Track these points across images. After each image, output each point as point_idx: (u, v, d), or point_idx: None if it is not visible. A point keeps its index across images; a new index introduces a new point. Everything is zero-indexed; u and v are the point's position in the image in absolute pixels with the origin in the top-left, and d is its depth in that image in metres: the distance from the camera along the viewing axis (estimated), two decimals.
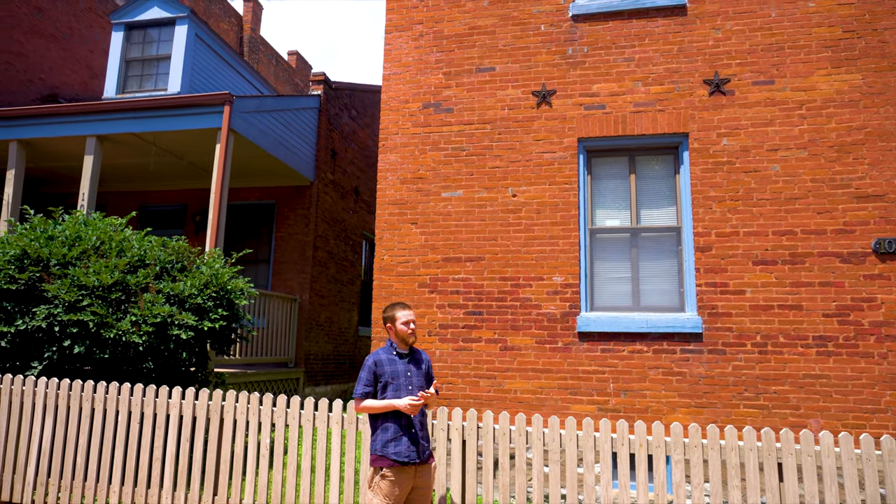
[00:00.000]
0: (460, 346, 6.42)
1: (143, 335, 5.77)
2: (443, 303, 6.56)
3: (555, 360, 6.18)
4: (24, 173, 9.34)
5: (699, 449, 4.06)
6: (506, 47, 6.96)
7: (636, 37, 6.66)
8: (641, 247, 6.41)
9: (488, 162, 6.74)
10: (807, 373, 5.66)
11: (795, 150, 6.07)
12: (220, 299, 6.47)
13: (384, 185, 6.99)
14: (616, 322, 6.08)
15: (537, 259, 6.41)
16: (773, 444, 3.98)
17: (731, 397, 5.77)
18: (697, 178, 6.24)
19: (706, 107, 6.35)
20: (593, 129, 6.55)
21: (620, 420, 4.23)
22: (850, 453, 3.86)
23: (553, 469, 4.26)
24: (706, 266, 6.06)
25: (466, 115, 6.91)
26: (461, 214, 6.70)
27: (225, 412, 4.89)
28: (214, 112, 8.43)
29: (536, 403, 6.14)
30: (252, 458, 4.75)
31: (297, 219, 10.80)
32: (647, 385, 5.95)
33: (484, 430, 4.42)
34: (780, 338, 5.78)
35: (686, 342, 5.95)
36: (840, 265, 5.78)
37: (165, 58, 10.51)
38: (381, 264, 6.82)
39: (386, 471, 3.76)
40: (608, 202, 6.61)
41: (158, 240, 6.71)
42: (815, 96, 6.13)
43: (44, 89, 12.32)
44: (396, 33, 7.35)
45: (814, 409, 5.60)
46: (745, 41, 6.39)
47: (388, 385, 3.88)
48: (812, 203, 5.95)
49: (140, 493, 4.90)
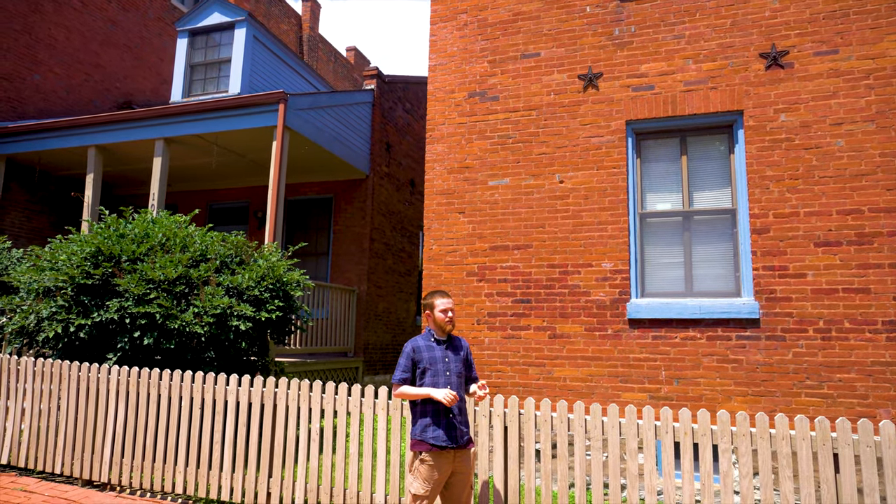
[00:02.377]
0: (509, 334, 6.42)
1: (205, 325, 6.09)
2: (491, 291, 6.57)
3: (604, 347, 6.08)
4: (101, 177, 9.99)
5: (747, 438, 3.92)
6: (550, 32, 6.86)
7: (686, 12, 6.41)
8: (694, 230, 6.20)
9: (534, 149, 6.68)
10: (875, 360, 5.34)
11: (862, 123, 5.70)
12: (276, 291, 6.73)
13: (431, 175, 7.06)
14: (667, 308, 5.92)
15: (585, 245, 6.32)
16: (827, 434, 3.79)
17: (792, 385, 5.51)
18: (753, 157, 5.97)
19: (762, 82, 6.06)
20: (642, 111, 6.37)
21: (664, 407, 4.14)
22: None
23: (595, 456, 4.22)
24: (763, 249, 5.79)
25: (512, 102, 6.86)
26: (508, 202, 6.68)
27: (278, 398, 5.10)
28: (270, 111, 8.73)
29: (586, 391, 6.07)
30: (303, 442, 4.94)
31: (354, 212, 11.04)
32: (700, 373, 5.77)
33: (525, 417, 4.42)
34: (845, 323, 5.46)
35: (742, 328, 5.73)
36: None
37: (226, 61, 10.94)
38: (430, 254, 6.90)
39: (424, 455, 3.84)
40: (658, 185, 6.42)
41: (219, 235, 7.04)
42: (884, 64, 5.73)
43: (119, 97, 13.10)
44: (441, 24, 7.38)
45: (884, 399, 5.28)
46: (806, 9, 6.03)
47: (427, 371, 3.95)
48: (881, 179, 5.58)
49: (202, 475, 5.20)
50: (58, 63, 11.77)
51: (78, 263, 6.35)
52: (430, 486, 3.79)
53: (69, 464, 5.69)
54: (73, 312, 6.19)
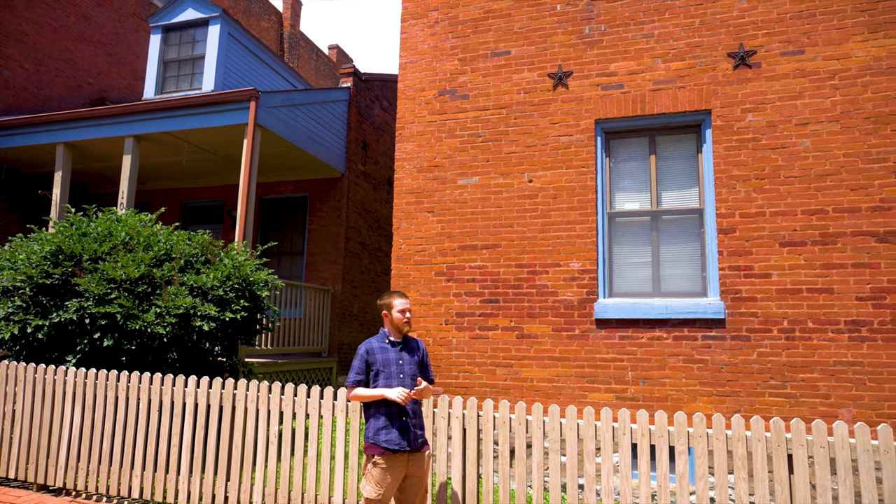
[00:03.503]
0: (477, 335, 6.37)
1: (167, 326, 5.98)
2: (459, 291, 6.52)
3: (572, 347, 6.05)
4: (70, 174, 9.82)
5: (703, 439, 3.90)
6: (521, 30, 6.81)
7: (656, 11, 6.39)
8: (662, 230, 6.19)
9: (504, 147, 6.63)
10: (838, 360, 5.34)
11: (827, 124, 5.71)
12: (242, 291, 6.63)
13: (401, 174, 6.99)
14: (634, 308, 5.90)
15: (554, 245, 6.28)
16: (782, 435, 3.77)
17: (756, 385, 5.51)
18: (720, 156, 5.96)
19: (730, 81, 6.05)
20: (611, 110, 6.34)
21: (622, 409, 4.10)
22: (867, 444, 3.62)
23: (553, 458, 4.18)
24: (729, 249, 5.79)
25: (482, 100, 6.81)
26: (477, 202, 6.63)
27: (237, 400, 5.02)
28: (241, 108, 8.62)
29: (553, 392, 6.03)
30: (262, 445, 4.86)
31: (329, 211, 10.95)
32: (666, 373, 5.76)
33: (484, 419, 4.37)
34: (808, 323, 5.47)
35: (708, 328, 5.72)
36: (875, 245, 5.41)
37: (200, 58, 10.80)
38: (399, 253, 6.83)
39: (377, 458, 3.78)
40: (627, 185, 6.40)
41: (184, 234, 6.93)
42: (849, 65, 5.74)
43: (92, 94, 12.90)
44: (412, 21, 7.31)
45: (845, 398, 5.28)
46: (773, 9, 6.03)
47: (380, 373, 3.89)
48: (845, 179, 5.59)
49: (160, 478, 5.10)
50: (28, 59, 11.56)
51: (37, 262, 6.22)
52: (382, 489, 3.73)
53: (24, 468, 5.56)
54: (30, 313, 6.06)
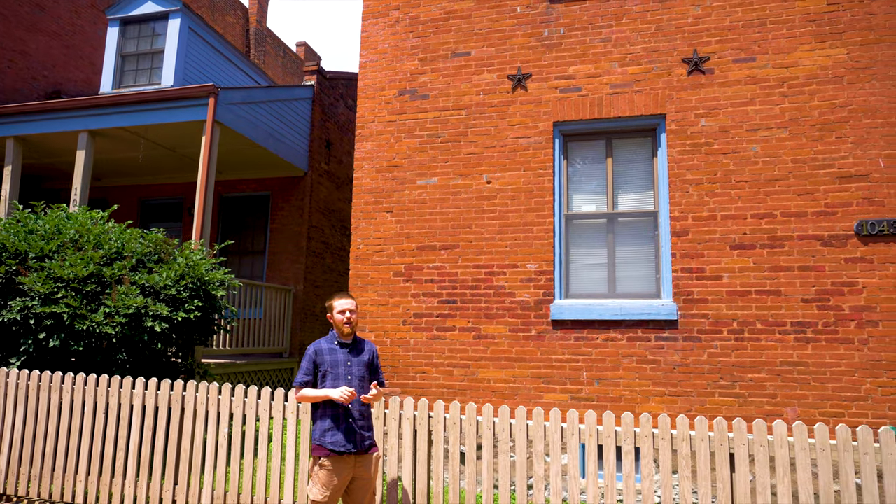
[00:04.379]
0: (434, 335, 6.36)
1: (116, 326, 5.83)
2: (417, 291, 6.50)
3: (528, 348, 6.08)
4: (20, 169, 9.51)
5: (650, 439, 3.95)
6: (482, 31, 6.82)
7: (614, 16, 6.47)
8: (618, 232, 6.26)
9: (463, 148, 6.64)
10: (784, 360, 5.48)
11: (776, 130, 5.85)
12: (196, 290, 6.50)
13: (360, 173, 6.94)
14: (590, 309, 5.96)
15: (511, 246, 6.30)
16: (725, 434, 3.85)
17: (706, 385, 5.62)
18: (675, 160, 6.06)
19: (684, 87, 6.15)
20: (569, 113, 6.40)
21: (571, 410, 4.14)
22: (804, 443, 3.72)
23: (503, 459, 4.19)
24: (682, 251, 5.89)
25: (442, 101, 6.81)
26: (436, 202, 6.62)
27: (186, 402, 4.92)
28: (199, 104, 8.45)
29: (510, 392, 6.06)
30: (211, 447, 4.77)
31: (292, 210, 10.82)
32: (620, 374, 5.83)
33: (435, 420, 4.36)
34: (757, 324, 5.60)
35: (661, 329, 5.81)
36: (820, 248, 5.56)
37: (159, 52, 10.56)
38: (357, 253, 6.78)
39: (323, 460, 3.74)
40: (584, 187, 6.46)
41: (137, 232, 6.77)
42: (797, 73, 5.89)
43: (47, 87, 12.52)
44: (373, 20, 7.27)
45: (791, 398, 5.42)
46: (726, 17, 6.16)
47: (328, 374, 3.85)
48: (793, 184, 5.73)
49: (105, 483, 4.97)
50: None
51: None
52: (328, 491, 3.70)
53: None
54: None
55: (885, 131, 5.57)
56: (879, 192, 5.51)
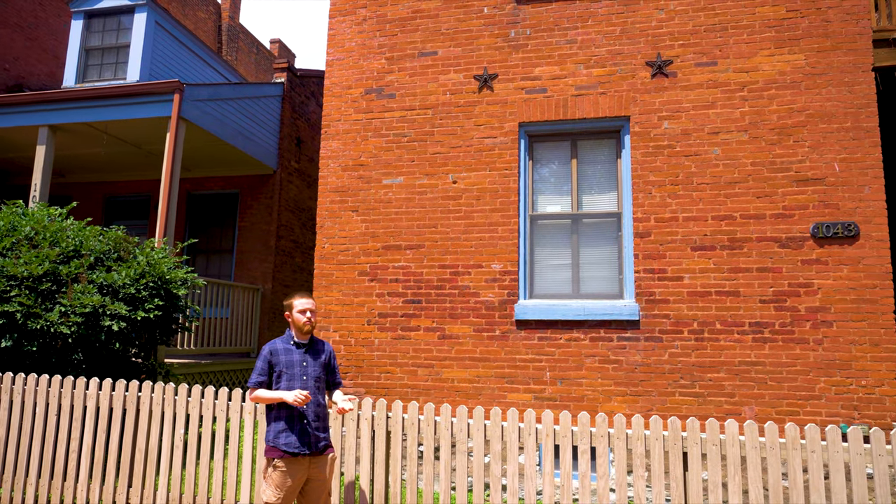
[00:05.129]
0: (399, 335, 6.34)
1: (72, 326, 5.70)
2: (382, 291, 6.47)
3: (492, 348, 6.09)
4: None
5: (605, 439, 3.98)
6: (448, 31, 6.82)
7: (579, 18, 6.51)
8: (582, 233, 6.30)
9: (429, 148, 6.62)
10: (742, 360, 5.57)
11: (736, 133, 5.94)
12: (157, 289, 6.39)
13: (326, 172, 6.89)
14: (553, 310, 5.99)
15: (476, 246, 6.31)
16: (678, 434, 3.89)
17: (667, 385, 5.68)
18: (638, 162, 6.12)
19: (648, 89, 6.22)
20: (534, 114, 6.42)
21: (528, 410, 4.15)
22: (755, 442, 3.77)
23: (460, 460, 4.18)
24: (645, 252, 5.95)
25: (408, 100, 6.78)
26: (402, 202, 6.59)
27: (141, 403, 4.82)
28: (164, 100, 8.31)
29: (474, 392, 6.06)
30: (167, 448, 4.69)
31: (261, 208, 10.70)
32: (583, 373, 5.87)
33: (393, 421, 4.34)
34: (716, 324, 5.68)
35: (623, 330, 5.86)
36: (778, 250, 5.66)
37: (125, 46, 10.36)
38: (322, 252, 6.73)
39: (277, 461, 3.70)
40: (549, 188, 6.49)
41: (96, 229, 6.63)
42: (757, 77, 5.99)
43: (9, 80, 12.20)
44: (340, 17, 7.21)
45: (749, 397, 5.51)
46: (689, 21, 6.24)
47: (283, 375, 3.81)
48: (752, 187, 5.82)
49: (56, 486, 4.85)
50: None
51: None
52: (282, 493, 3.66)
53: None
54: None
55: (839, 136, 5.69)
56: (834, 195, 5.62)
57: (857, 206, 5.56)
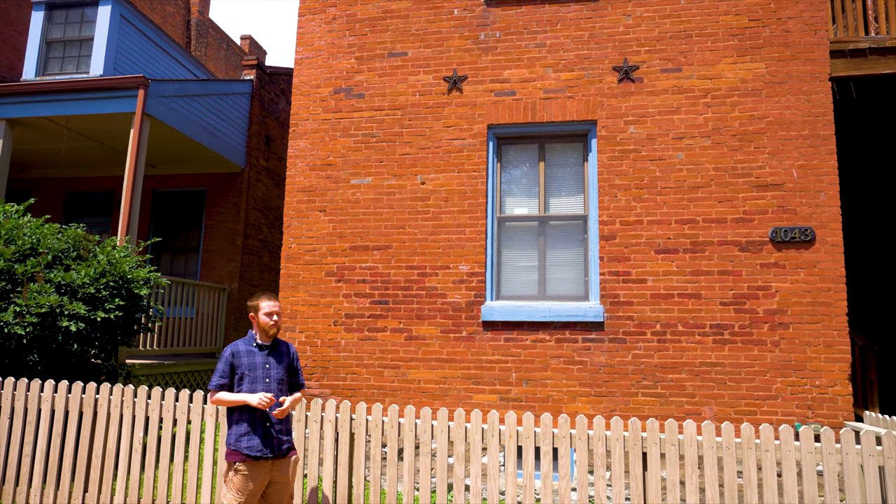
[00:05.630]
0: (366, 336, 6.31)
1: (28, 326, 5.55)
2: (349, 292, 6.43)
3: (459, 349, 6.11)
4: None
5: (567, 440, 4.02)
6: (418, 32, 6.81)
7: (548, 22, 6.57)
8: (549, 235, 6.36)
9: (398, 149, 6.61)
10: (703, 361, 5.68)
11: (700, 139, 6.06)
12: (118, 289, 6.25)
13: (293, 171, 6.82)
14: (519, 311, 6.03)
15: (444, 248, 6.32)
16: (638, 434, 3.95)
17: (630, 386, 5.77)
18: (604, 165, 6.20)
19: (615, 94, 6.30)
20: (503, 116, 6.46)
21: (492, 412, 4.17)
22: (712, 442, 3.86)
23: (424, 461, 4.19)
24: (610, 255, 6.03)
25: (377, 100, 6.76)
26: (370, 202, 6.57)
27: (99, 406, 4.72)
28: (128, 96, 8.14)
29: (440, 393, 6.07)
30: (125, 452, 4.59)
31: (228, 206, 10.55)
32: (548, 374, 5.92)
33: (357, 423, 4.32)
34: (678, 326, 5.78)
35: (588, 331, 5.93)
36: (738, 254, 5.80)
37: (88, 39, 10.11)
38: (289, 252, 6.66)
39: (239, 465, 3.65)
40: (517, 190, 6.53)
41: (54, 227, 6.46)
42: (720, 84, 6.12)
43: None
44: (310, 16, 7.16)
45: (709, 397, 5.62)
46: (655, 28, 6.34)
47: (245, 377, 3.77)
48: (714, 192, 5.95)
49: (8, 492, 4.71)
50: None
51: None
52: (243, 497, 3.61)
53: None
54: None
55: (798, 143, 5.84)
56: (792, 200, 5.78)
57: (813, 212, 5.72)
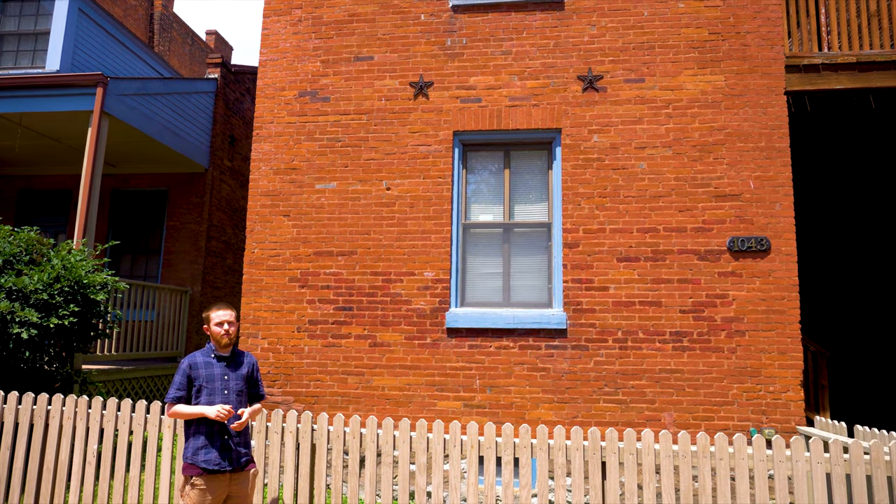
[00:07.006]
0: (329, 343, 6.26)
1: None
2: (313, 298, 6.38)
3: (423, 356, 6.11)
4: None
5: (528, 449, 4.06)
6: (385, 36, 6.78)
7: (514, 30, 6.61)
8: (513, 242, 6.40)
9: (363, 154, 6.58)
10: (663, 367, 5.79)
11: (661, 149, 6.17)
12: (73, 294, 6.08)
13: (257, 175, 6.73)
14: (484, 318, 6.06)
15: (409, 254, 6.31)
16: (597, 443, 4.01)
17: (592, 392, 5.84)
18: (568, 174, 6.26)
19: (579, 103, 6.37)
20: (469, 123, 6.47)
21: (454, 422, 4.18)
22: (669, 451, 3.93)
23: (385, 472, 4.18)
24: (573, 262, 6.10)
25: (343, 104, 6.71)
26: (335, 207, 6.52)
27: (51, 417, 4.58)
28: (86, 93, 7.91)
29: (404, 400, 6.06)
30: (78, 465, 4.47)
31: (191, 207, 10.35)
32: (512, 381, 5.96)
33: (318, 434, 4.29)
34: (639, 333, 5.88)
35: (551, 338, 5.99)
36: (698, 262, 5.92)
37: (44, 33, 9.80)
38: (252, 258, 6.57)
39: (195, 479, 3.58)
40: (482, 197, 6.56)
41: (5, 230, 6.24)
42: (681, 96, 6.24)
43: None
44: (274, 17, 7.06)
45: (668, 403, 5.74)
46: (619, 38, 6.43)
47: (203, 389, 3.70)
48: (675, 201, 6.06)
49: None
50: None
51: None
52: None
53: None
54: None
55: (755, 155, 6.00)
56: (749, 210, 5.93)
57: (769, 222, 5.88)
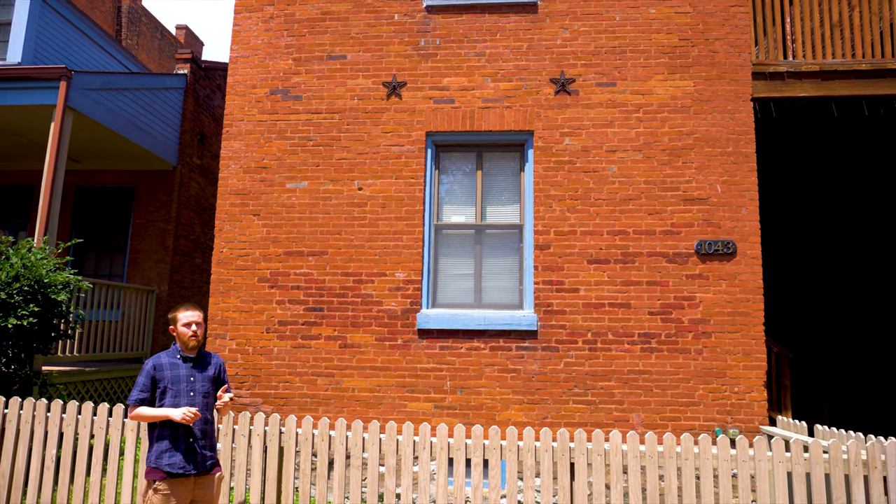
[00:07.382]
0: (299, 344, 6.20)
1: None
2: (283, 298, 6.30)
3: (394, 357, 6.08)
4: None
5: (497, 451, 4.07)
6: (358, 35, 6.74)
7: (488, 31, 6.62)
8: (485, 244, 6.41)
9: (335, 153, 6.52)
10: (631, 369, 5.86)
11: (632, 152, 6.24)
12: (33, 294, 5.90)
13: (226, 173, 6.62)
14: (455, 319, 6.06)
15: (381, 254, 6.27)
16: (566, 445, 4.04)
17: (562, 393, 5.88)
18: (540, 176, 6.30)
19: (552, 105, 6.41)
20: (442, 124, 6.47)
21: (423, 424, 4.17)
22: (636, 451, 3.98)
23: (354, 474, 4.14)
24: (544, 264, 6.13)
25: (315, 103, 6.64)
26: (305, 207, 6.45)
27: (7, 422, 4.44)
28: (49, 87, 7.69)
29: (374, 402, 6.02)
30: (36, 470, 4.34)
31: (158, 205, 10.15)
32: (483, 382, 5.97)
33: (286, 436, 4.24)
34: (609, 335, 5.94)
35: (522, 339, 6.01)
36: (666, 265, 6.01)
37: (5, 24, 9.51)
38: (220, 257, 6.46)
39: (159, 484, 3.50)
40: (455, 198, 6.56)
41: None
42: (651, 100, 6.32)
43: None
44: (246, 14, 6.96)
45: (636, 404, 5.81)
46: (591, 42, 6.49)
47: (168, 391, 3.61)
48: (644, 204, 6.14)
49: None
50: None
51: None
52: None
53: None
54: None
55: (722, 160, 6.11)
56: (716, 214, 6.03)
57: (735, 226, 5.99)
